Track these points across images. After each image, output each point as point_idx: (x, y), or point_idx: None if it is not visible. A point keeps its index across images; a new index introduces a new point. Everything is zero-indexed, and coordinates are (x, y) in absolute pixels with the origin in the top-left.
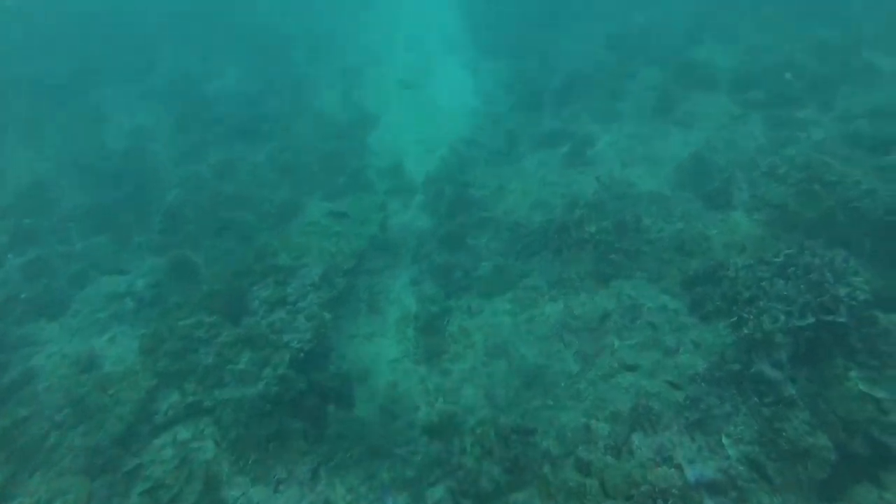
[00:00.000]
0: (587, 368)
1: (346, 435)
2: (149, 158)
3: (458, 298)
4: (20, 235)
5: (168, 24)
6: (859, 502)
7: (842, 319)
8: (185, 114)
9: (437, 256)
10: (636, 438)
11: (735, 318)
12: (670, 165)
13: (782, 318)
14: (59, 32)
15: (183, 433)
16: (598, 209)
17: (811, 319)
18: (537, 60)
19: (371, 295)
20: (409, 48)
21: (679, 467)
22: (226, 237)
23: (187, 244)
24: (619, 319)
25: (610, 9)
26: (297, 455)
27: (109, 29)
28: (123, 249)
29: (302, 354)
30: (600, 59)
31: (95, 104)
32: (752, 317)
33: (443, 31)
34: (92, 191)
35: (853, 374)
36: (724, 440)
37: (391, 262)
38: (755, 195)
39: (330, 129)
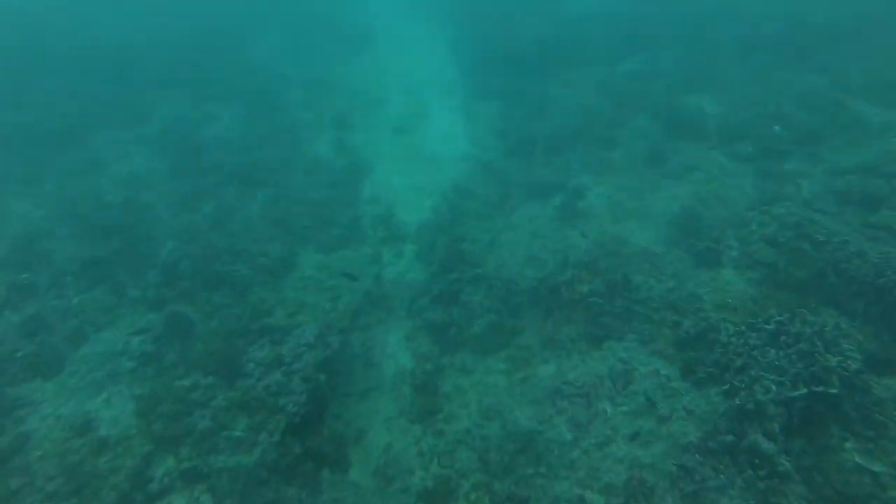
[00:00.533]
0: (581, 436)
1: (342, 501)
2: (145, 210)
3: (453, 355)
4: (16, 291)
5: (165, 68)
6: None
7: (834, 390)
8: (180, 161)
9: (431, 313)
10: None
11: (727, 386)
12: (662, 220)
13: (774, 388)
14: (56, 78)
15: (178, 501)
16: (589, 268)
17: (803, 390)
18: (528, 106)
19: (366, 350)
20: (401, 92)
21: None
22: (221, 292)
23: (183, 299)
24: (611, 385)
25: (600, 55)
26: None
27: (106, 75)
28: (119, 304)
29: (297, 418)
30: (591, 107)
31: (93, 150)
32: (743, 385)
33: (435, 75)
34: (88, 242)
35: (849, 444)
36: None
37: (385, 317)
38: (746, 253)
39: (323, 176)
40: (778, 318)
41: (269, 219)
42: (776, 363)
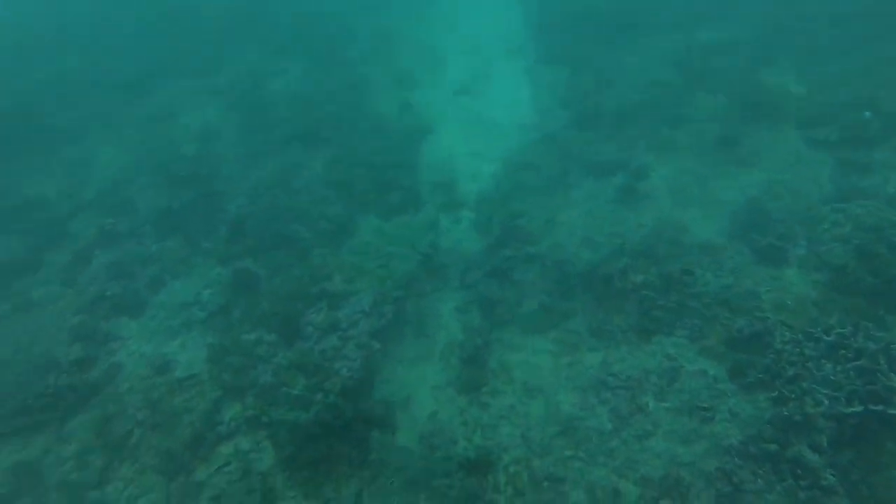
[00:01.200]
0: (621, 427)
1: (388, 462)
2: (216, 163)
3: (502, 331)
4: (104, 234)
5: (233, 19)
6: None
7: (894, 411)
8: (248, 115)
9: (484, 287)
10: None
11: (776, 394)
12: (726, 210)
13: (826, 402)
14: (125, 29)
15: (243, 444)
16: (645, 256)
17: (859, 408)
18: (595, 74)
19: (418, 318)
20: (467, 50)
21: None
22: (284, 251)
23: (249, 255)
24: (657, 380)
25: (676, 20)
26: (343, 478)
27: (177, 27)
28: (193, 254)
29: (351, 382)
30: (661, 80)
31: (168, 100)
32: (794, 396)
33: (503, 34)
34: (165, 192)
35: None
36: None
37: (439, 286)
38: (814, 253)
39: (385, 137)
40: (839, 330)
41: (332, 181)
42: (831, 378)
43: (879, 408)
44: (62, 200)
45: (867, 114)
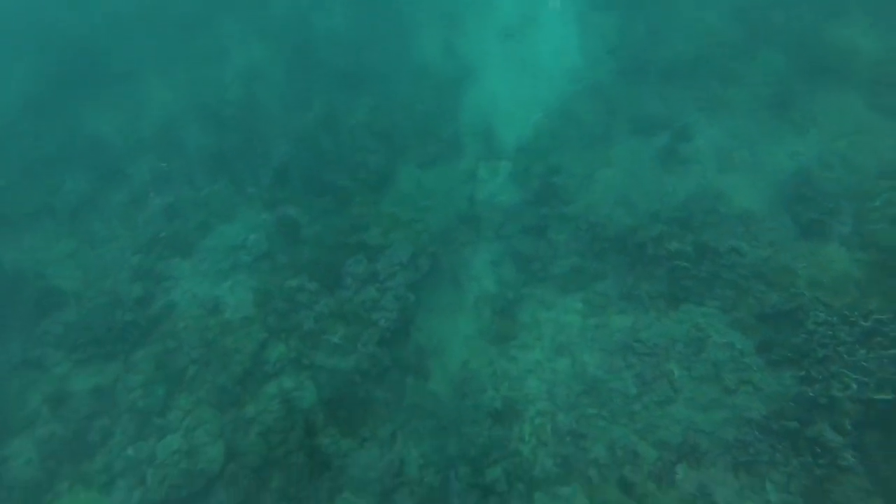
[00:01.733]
0: (644, 392)
1: (422, 406)
2: (261, 107)
3: (534, 287)
4: (157, 176)
5: None
6: None
7: None
8: (294, 56)
9: (518, 242)
10: (680, 470)
11: (804, 373)
12: (771, 179)
13: (854, 386)
14: None
15: (287, 382)
16: (681, 224)
17: (890, 395)
18: (647, 22)
19: (453, 269)
20: None
21: None
22: (325, 199)
23: (291, 202)
24: (683, 349)
25: None
26: (379, 419)
27: None
28: (239, 199)
29: (388, 333)
30: (718, 31)
31: (217, 37)
32: (821, 378)
33: None
34: (213, 134)
35: None
36: (768, 485)
37: (474, 238)
38: (860, 232)
39: (428, 83)
40: (878, 316)
41: (373, 129)
42: (863, 363)
43: None
44: (119, 139)
45: None
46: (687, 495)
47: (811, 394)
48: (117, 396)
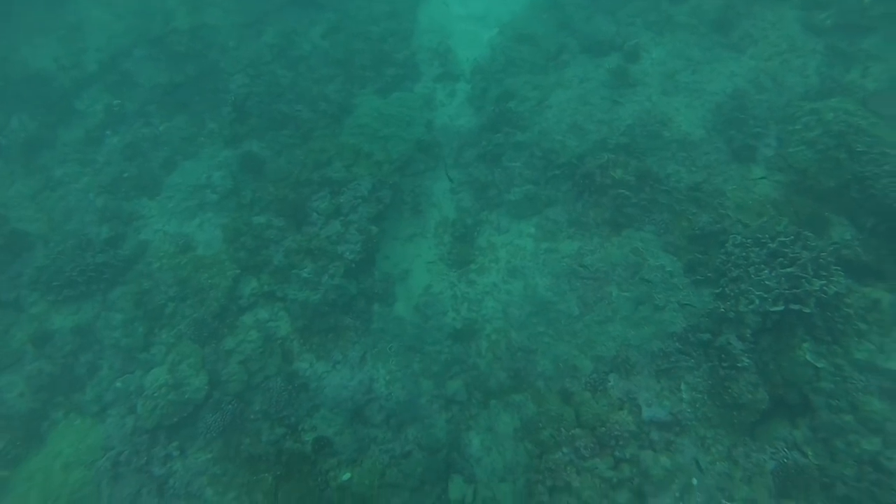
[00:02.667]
0: (586, 313)
1: (388, 330)
2: (212, 34)
3: (490, 213)
4: (112, 115)
5: None
6: (773, 434)
7: (808, 310)
8: None
9: (475, 170)
10: (612, 379)
11: (719, 291)
12: (711, 101)
13: (757, 302)
14: None
15: (262, 314)
16: (626, 151)
17: (781, 307)
18: None
19: (414, 197)
20: None
21: (638, 410)
22: (286, 131)
23: (253, 136)
24: (622, 272)
25: None
26: (349, 343)
27: None
28: (200, 134)
29: (353, 265)
30: None
31: None
32: (732, 294)
33: None
34: (164, 67)
35: (806, 346)
36: (682, 386)
37: (433, 165)
38: (781, 155)
39: (382, 2)
40: (782, 239)
41: (330, 56)
42: (766, 282)
43: (797, 307)
44: (64, 73)
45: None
46: (616, 400)
47: (722, 309)
48: (99, 334)
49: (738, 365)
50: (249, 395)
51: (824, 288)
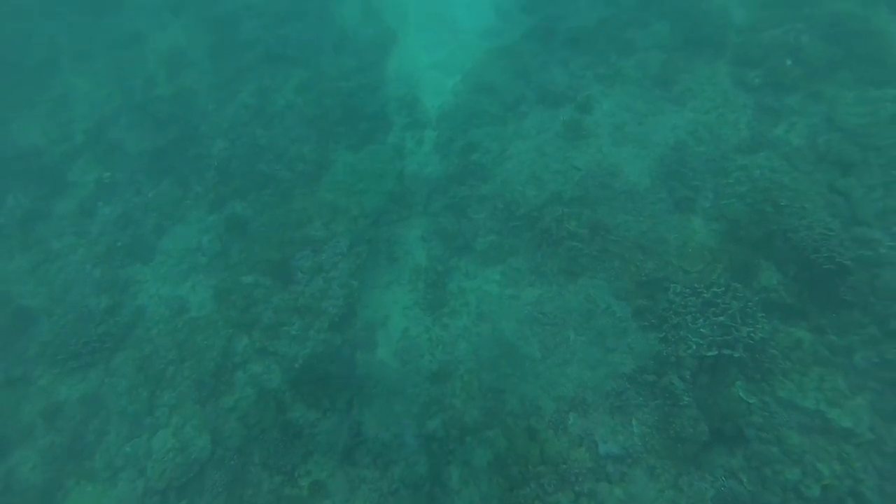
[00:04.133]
0: (547, 356)
1: (371, 375)
2: (192, 98)
3: (459, 260)
4: (103, 187)
5: None
6: (713, 462)
7: (738, 355)
8: (216, 36)
9: (444, 219)
10: (571, 418)
11: (662, 335)
12: (655, 152)
13: (694, 346)
14: None
15: (255, 368)
16: (580, 202)
17: (715, 352)
18: None
19: (389, 246)
20: None
21: (595, 446)
22: (268, 191)
23: (237, 197)
24: (577, 318)
25: None
26: (337, 391)
27: None
28: (186, 197)
29: (337, 318)
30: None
31: (130, 19)
32: (673, 340)
33: None
34: (148, 133)
35: (739, 384)
36: (633, 422)
37: (406, 214)
38: (717, 205)
39: (351, 53)
40: (715, 289)
41: (303, 115)
42: (702, 330)
43: (728, 352)
44: (54, 146)
45: (788, 62)
46: (575, 438)
47: (665, 353)
48: (105, 401)
49: (680, 403)
50: (249, 448)
51: (751, 334)
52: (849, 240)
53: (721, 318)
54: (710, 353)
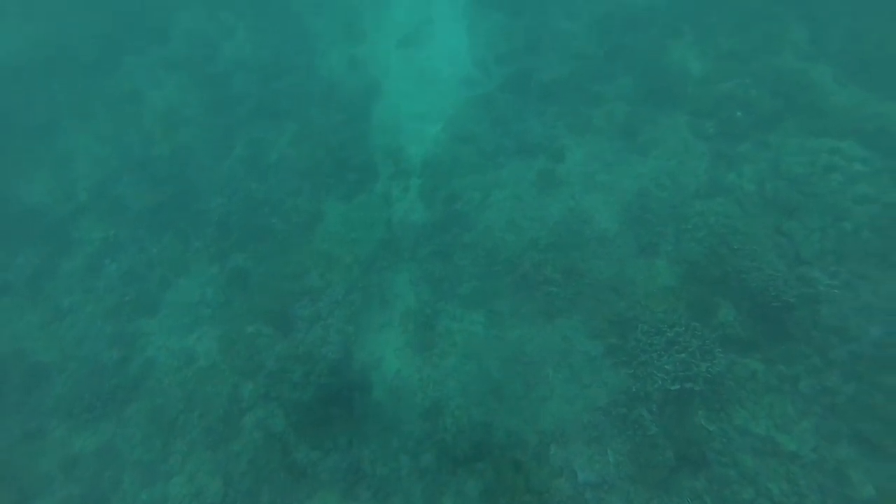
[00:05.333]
0: (529, 392)
1: (368, 414)
2: (188, 155)
3: (446, 303)
4: (108, 244)
5: None
6: (681, 485)
7: (698, 388)
8: (209, 92)
9: (430, 265)
10: (553, 449)
11: (632, 371)
12: (623, 199)
13: (659, 381)
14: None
15: (260, 413)
16: (555, 248)
17: (678, 386)
18: (527, 35)
19: (381, 291)
20: None
21: (574, 475)
22: (266, 243)
23: (236, 250)
24: (556, 356)
25: None
26: (337, 430)
27: None
28: (187, 251)
29: (335, 362)
30: (584, 54)
31: (128, 78)
32: (641, 375)
33: None
34: (149, 190)
35: (700, 412)
36: (609, 451)
37: (395, 260)
38: (678, 249)
39: (338, 104)
40: (677, 329)
41: (296, 169)
42: (666, 366)
43: (689, 385)
44: (58, 205)
45: (738, 113)
46: (556, 468)
47: (634, 389)
48: (120, 451)
49: (649, 433)
50: (258, 489)
51: (709, 369)
52: (793, 279)
53: (682, 356)
54: (673, 387)
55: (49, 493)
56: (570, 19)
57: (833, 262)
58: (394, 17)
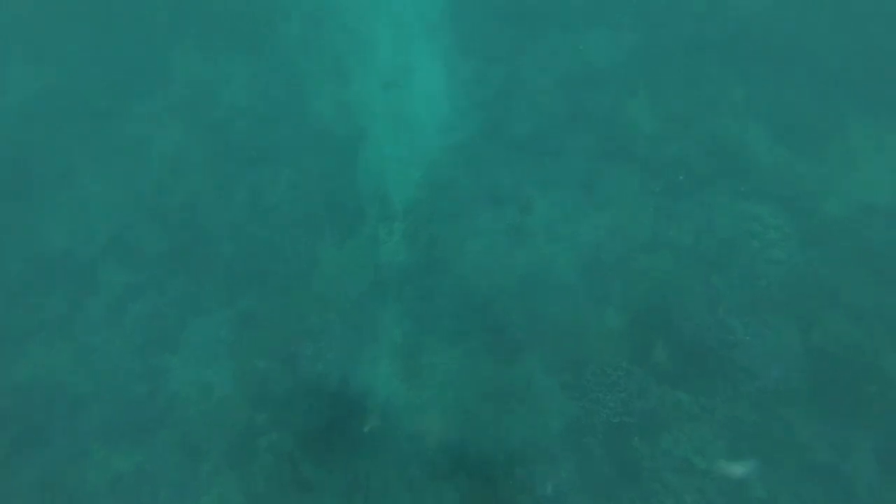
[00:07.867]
0: (497, 419)
1: (364, 436)
2: (196, 202)
3: (428, 339)
4: (130, 288)
5: (172, 19)
6: (620, 496)
7: (634, 420)
8: (210, 136)
9: (414, 305)
10: (517, 468)
11: (583, 405)
12: (581, 251)
13: (604, 415)
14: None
15: (274, 437)
16: (520, 296)
17: (618, 419)
18: (496, 86)
19: (373, 327)
20: (391, 25)
21: (534, 489)
22: (270, 285)
23: (245, 292)
24: (520, 390)
25: (573, 20)
26: (339, 450)
27: (120, 33)
28: (201, 292)
29: (337, 395)
30: (550, 111)
31: (135, 125)
32: (590, 410)
33: (423, 15)
34: (163, 237)
35: (636, 438)
36: (562, 470)
37: (384, 300)
38: (625, 298)
39: (329, 148)
40: (618, 372)
41: (294, 215)
42: (610, 403)
43: (627, 419)
44: (78, 248)
45: (681, 177)
46: (520, 483)
47: (584, 420)
48: (154, 473)
49: (595, 455)
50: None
51: (643, 406)
52: (715, 326)
53: (622, 395)
54: (615, 420)
55: None
56: (541, 72)
57: (747, 314)
58: (377, 58)
